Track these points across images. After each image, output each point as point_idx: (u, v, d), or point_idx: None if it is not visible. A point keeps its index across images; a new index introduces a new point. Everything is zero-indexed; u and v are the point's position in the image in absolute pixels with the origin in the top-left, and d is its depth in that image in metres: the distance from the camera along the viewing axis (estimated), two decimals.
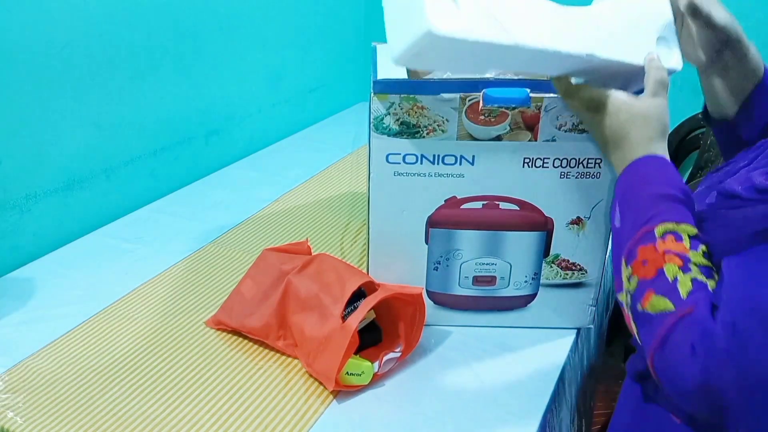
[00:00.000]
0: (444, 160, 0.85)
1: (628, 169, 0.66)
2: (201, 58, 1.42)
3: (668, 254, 0.58)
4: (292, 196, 1.39)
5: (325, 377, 0.83)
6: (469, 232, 0.91)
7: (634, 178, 0.66)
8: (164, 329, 0.97)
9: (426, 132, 0.83)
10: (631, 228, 0.62)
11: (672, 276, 0.56)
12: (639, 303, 0.58)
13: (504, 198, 0.88)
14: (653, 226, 0.60)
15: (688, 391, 0.54)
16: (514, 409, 0.84)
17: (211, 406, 0.83)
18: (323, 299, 0.86)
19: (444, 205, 0.89)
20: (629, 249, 0.61)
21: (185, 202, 1.36)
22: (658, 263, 0.57)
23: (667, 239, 0.58)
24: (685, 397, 0.56)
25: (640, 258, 0.59)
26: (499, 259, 0.93)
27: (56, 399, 0.83)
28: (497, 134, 0.83)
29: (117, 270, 1.11)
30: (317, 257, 0.93)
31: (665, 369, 0.56)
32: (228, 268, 1.12)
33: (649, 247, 0.59)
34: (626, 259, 0.61)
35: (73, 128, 1.18)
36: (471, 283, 0.94)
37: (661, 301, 0.56)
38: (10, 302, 1.02)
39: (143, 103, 1.31)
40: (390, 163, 0.86)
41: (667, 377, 0.56)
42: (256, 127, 1.65)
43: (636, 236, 0.61)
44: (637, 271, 0.59)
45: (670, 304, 0.56)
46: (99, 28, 1.18)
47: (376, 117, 0.83)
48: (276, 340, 0.90)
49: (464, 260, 0.93)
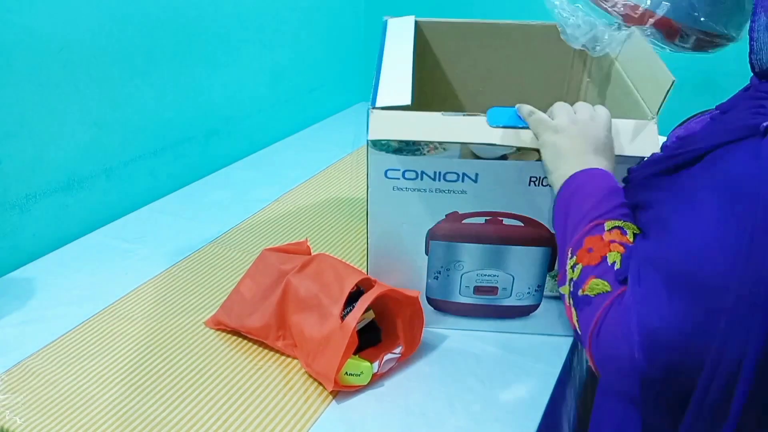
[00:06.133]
0: (446, 177, 0.82)
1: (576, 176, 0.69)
2: (201, 58, 1.42)
3: (613, 243, 0.60)
4: (292, 196, 1.39)
5: (325, 377, 0.83)
6: (471, 245, 0.89)
7: (581, 185, 0.68)
8: (164, 329, 0.97)
9: (427, 150, 0.81)
10: (580, 222, 0.64)
11: (612, 261, 0.59)
12: (580, 289, 0.60)
13: (508, 214, 0.86)
14: (603, 221, 0.62)
15: (622, 369, 0.55)
16: (513, 410, 0.84)
17: (211, 406, 0.83)
18: (322, 299, 0.86)
19: (445, 220, 0.87)
20: (577, 240, 0.63)
21: (185, 202, 1.36)
22: (603, 251, 0.60)
23: (614, 232, 0.61)
24: (619, 375, 0.56)
25: (586, 246, 0.61)
26: (501, 271, 0.91)
27: (56, 399, 0.83)
28: (503, 153, 0.80)
29: (117, 270, 1.11)
30: (316, 257, 0.93)
31: (601, 350, 0.57)
32: (228, 268, 1.12)
33: (596, 237, 0.61)
34: (572, 249, 0.63)
35: (73, 128, 1.18)
36: (472, 293, 0.93)
37: (600, 283, 0.58)
38: (10, 302, 1.02)
39: (143, 103, 1.31)
40: (389, 178, 0.83)
41: (602, 357, 0.57)
42: (256, 127, 1.65)
43: (585, 228, 0.63)
44: (581, 258, 0.61)
45: (608, 286, 0.57)
46: (99, 28, 1.18)
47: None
48: (275, 340, 0.90)
49: (465, 271, 0.91)
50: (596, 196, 0.65)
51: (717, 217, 0.51)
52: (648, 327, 0.53)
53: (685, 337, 0.51)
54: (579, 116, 0.73)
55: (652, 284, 0.53)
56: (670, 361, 0.52)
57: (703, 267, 0.51)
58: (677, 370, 0.52)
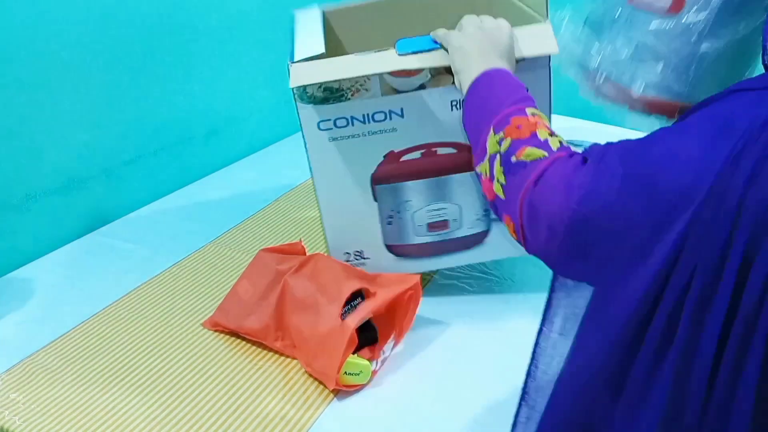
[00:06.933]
0: (374, 117, 0.87)
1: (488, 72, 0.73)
2: (201, 58, 1.42)
3: (539, 124, 0.63)
4: (292, 196, 1.39)
5: (326, 376, 0.83)
6: (415, 183, 0.93)
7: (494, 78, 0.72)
8: (164, 329, 0.97)
9: (351, 94, 0.86)
10: (500, 105, 0.67)
11: (543, 138, 0.61)
12: (513, 155, 0.61)
13: (440, 144, 0.91)
14: (523, 106, 0.65)
15: (555, 225, 0.55)
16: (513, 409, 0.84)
17: (211, 405, 0.83)
18: (320, 299, 0.86)
19: (384, 161, 0.91)
20: (500, 119, 0.65)
21: (185, 202, 1.36)
22: (532, 128, 0.62)
23: (536, 117, 0.64)
24: (551, 233, 0.56)
25: (514, 124, 0.64)
26: (448, 203, 0.95)
27: (56, 399, 0.83)
28: (420, 83, 0.86)
29: (117, 270, 1.11)
30: (313, 257, 0.93)
31: (536, 206, 0.57)
32: (228, 268, 1.12)
33: (522, 117, 0.64)
34: (495, 127, 0.65)
35: (72, 128, 1.18)
36: (426, 231, 0.97)
37: (536, 150, 0.60)
38: (10, 302, 1.02)
39: (143, 103, 1.31)
40: (322, 130, 0.88)
41: (534, 204, 0.57)
42: (256, 127, 1.65)
43: (507, 110, 0.65)
44: (510, 133, 0.63)
45: (544, 153, 0.59)
46: (99, 29, 1.18)
47: (298, 87, 0.85)
48: (274, 341, 0.90)
49: (415, 210, 0.95)
50: (511, 86, 0.70)
51: (698, 135, 0.50)
52: (592, 189, 0.53)
53: (626, 211, 0.51)
54: (485, 24, 0.79)
55: (612, 169, 0.53)
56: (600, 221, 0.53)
57: (668, 173, 0.50)
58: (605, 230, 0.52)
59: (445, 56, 0.80)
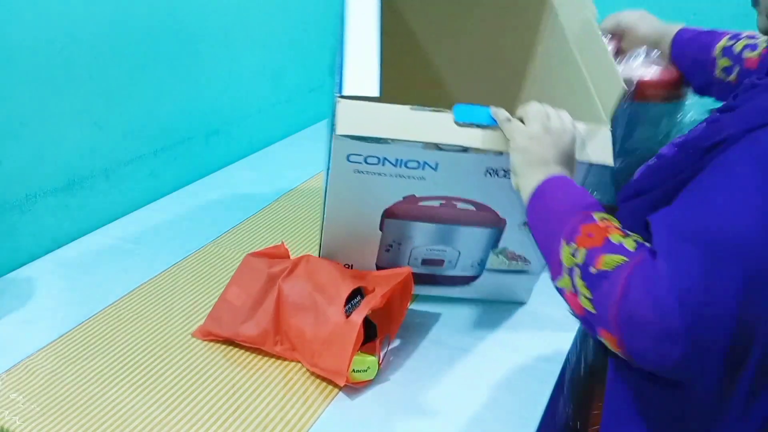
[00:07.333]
0: (407, 164, 0.84)
1: (550, 179, 0.73)
2: (201, 58, 1.42)
3: (610, 228, 0.62)
4: (292, 197, 1.39)
5: (335, 374, 0.83)
6: (424, 224, 0.93)
7: (557, 185, 0.72)
8: (164, 329, 0.97)
9: (391, 140, 0.81)
10: (567, 215, 0.67)
11: (617, 241, 0.60)
12: (592, 266, 0.60)
13: (462, 199, 0.89)
14: (590, 212, 0.65)
15: (656, 335, 0.54)
16: (513, 408, 0.84)
17: (211, 405, 0.83)
18: (319, 299, 0.87)
19: (402, 201, 0.89)
20: (569, 229, 0.64)
21: (185, 202, 1.36)
22: (604, 234, 0.62)
23: (605, 221, 0.64)
24: (653, 343, 0.55)
25: (585, 233, 0.63)
26: (449, 246, 0.96)
27: (55, 399, 0.83)
28: (465, 147, 0.82)
29: (116, 270, 1.11)
30: (303, 258, 0.93)
31: (630, 312, 0.56)
32: (228, 268, 1.12)
33: (591, 225, 0.63)
34: (566, 238, 0.64)
35: (73, 128, 1.18)
36: (419, 264, 0.98)
37: (614, 257, 0.59)
38: (10, 302, 1.02)
39: (143, 103, 1.31)
40: (351, 162, 0.84)
41: (631, 321, 0.56)
42: (256, 127, 1.65)
43: (576, 219, 0.65)
44: (582, 243, 0.62)
45: (623, 258, 0.58)
46: (99, 29, 1.18)
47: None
48: (273, 345, 0.90)
49: (416, 246, 0.96)
50: (575, 193, 0.70)
51: (756, 186, 0.53)
52: (689, 299, 0.53)
53: (731, 308, 0.52)
54: (552, 125, 0.76)
55: (688, 258, 0.53)
56: (715, 331, 0.53)
57: (747, 236, 0.52)
58: (721, 339, 0.53)
59: (504, 141, 0.78)
